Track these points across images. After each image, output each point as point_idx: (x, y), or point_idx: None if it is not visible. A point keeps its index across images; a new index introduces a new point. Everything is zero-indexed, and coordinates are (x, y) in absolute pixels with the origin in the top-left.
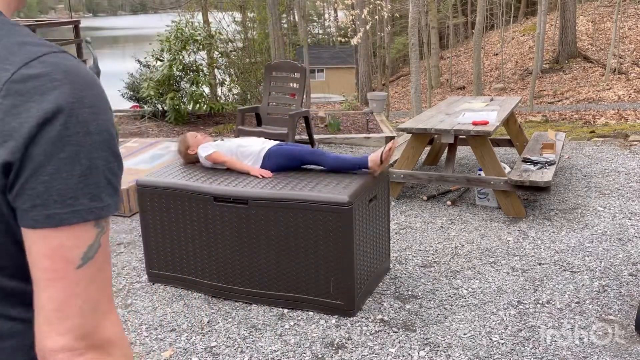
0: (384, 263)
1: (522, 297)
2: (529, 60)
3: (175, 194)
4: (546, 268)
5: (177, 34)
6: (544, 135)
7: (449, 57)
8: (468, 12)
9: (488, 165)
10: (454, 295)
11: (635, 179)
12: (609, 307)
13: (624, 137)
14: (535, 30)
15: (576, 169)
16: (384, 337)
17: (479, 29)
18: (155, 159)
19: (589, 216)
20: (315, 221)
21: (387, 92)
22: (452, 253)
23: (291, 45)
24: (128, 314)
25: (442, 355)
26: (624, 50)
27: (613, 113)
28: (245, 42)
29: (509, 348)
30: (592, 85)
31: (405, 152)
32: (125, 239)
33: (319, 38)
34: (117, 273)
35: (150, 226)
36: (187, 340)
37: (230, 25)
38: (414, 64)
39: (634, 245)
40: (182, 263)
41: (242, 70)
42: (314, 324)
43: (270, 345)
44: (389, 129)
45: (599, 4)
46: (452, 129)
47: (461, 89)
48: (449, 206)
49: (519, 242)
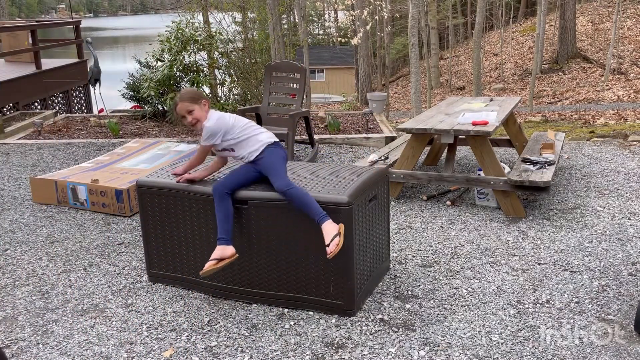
0: (384, 263)
1: (521, 296)
2: (528, 61)
3: (175, 194)
4: (546, 268)
5: (178, 35)
6: (544, 136)
7: (448, 58)
8: (468, 12)
9: (488, 165)
10: (453, 295)
11: (634, 179)
12: (608, 307)
13: (624, 137)
14: (534, 31)
15: (576, 169)
16: (383, 337)
17: (479, 29)
18: (155, 159)
19: (589, 216)
20: (315, 221)
21: (387, 93)
22: (451, 253)
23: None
24: (129, 314)
25: (441, 354)
26: (623, 50)
27: (612, 113)
28: (245, 42)
29: (509, 348)
30: (592, 86)
31: (405, 152)
32: (126, 238)
33: (319, 38)
34: (118, 273)
35: (151, 226)
36: (188, 339)
37: (231, 25)
38: (414, 64)
39: (634, 245)
40: (182, 263)
41: (243, 70)
42: (314, 323)
43: (271, 345)
44: (388, 129)
45: (598, 4)
46: (452, 129)
47: (461, 89)
48: (448, 206)
49: (518, 242)
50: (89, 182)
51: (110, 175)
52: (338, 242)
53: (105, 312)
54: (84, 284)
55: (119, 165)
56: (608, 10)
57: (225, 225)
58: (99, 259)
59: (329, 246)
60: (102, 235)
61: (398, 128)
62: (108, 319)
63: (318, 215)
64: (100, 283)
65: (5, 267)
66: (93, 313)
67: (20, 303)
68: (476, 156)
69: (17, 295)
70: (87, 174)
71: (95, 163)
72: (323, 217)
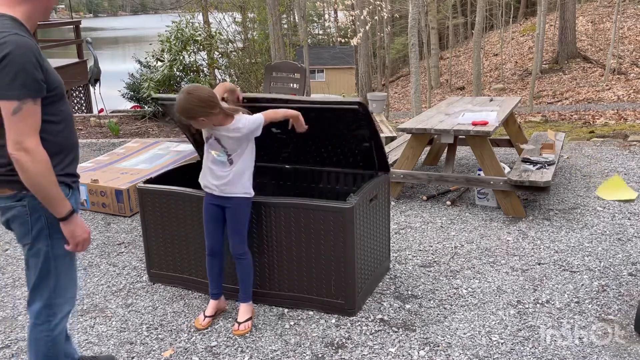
0: (384, 262)
1: (521, 296)
2: (528, 61)
3: (176, 194)
4: (546, 268)
5: (178, 35)
6: (544, 136)
7: (448, 58)
8: (468, 12)
9: (488, 165)
10: (453, 295)
11: (634, 179)
12: (608, 307)
13: (624, 137)
14: (534, 31)
15: (575, 169)
16: (383, 337)
17: (479, 29)
18: (155, 159)
19: (589, 216)
20: (316, 220)
21: (387, 93)
22: (451, 253)
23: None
24: (128, 314)
25: (441, 354)
26: (623, 50)
27: (612, 113)
28: (245, 42)
29: (509, 348)
30: (592, 86)
31: (405, 152)
32: (126, 239)
33: (319, 38)
34: (118, 273)
35: (151, 226)
36: (188, 339)
37: (231, 25)
38: (414, 64)
39: (634, 245)
40: (182, 263)
41: (243, 70)
42: (314, 323)
43: (271, 345)
44: (388, 129)
45: (598, 5)
46: (452, 129)
47: (461, 90)
48: (448, 206)
49: (518, 242)
50: (89, 182)
51: (110, 175)
52: (248, 325)
53: (105, 312)
54: (83, 284)
55: (119, 165)
56: (608, 10)
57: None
58: (99, 258)
59: (240, 325)
60: (102, 235)
61: (398, 128)
62: (108, 319)
63: (246, 294)
64: (100, 283)
65: (5, 267)
66: (93, 313)
67: (20, 303)
68: (476, 156)
69: (17, 295)
70: (87, 174)
71: (95, 163)
72: (247, 298)
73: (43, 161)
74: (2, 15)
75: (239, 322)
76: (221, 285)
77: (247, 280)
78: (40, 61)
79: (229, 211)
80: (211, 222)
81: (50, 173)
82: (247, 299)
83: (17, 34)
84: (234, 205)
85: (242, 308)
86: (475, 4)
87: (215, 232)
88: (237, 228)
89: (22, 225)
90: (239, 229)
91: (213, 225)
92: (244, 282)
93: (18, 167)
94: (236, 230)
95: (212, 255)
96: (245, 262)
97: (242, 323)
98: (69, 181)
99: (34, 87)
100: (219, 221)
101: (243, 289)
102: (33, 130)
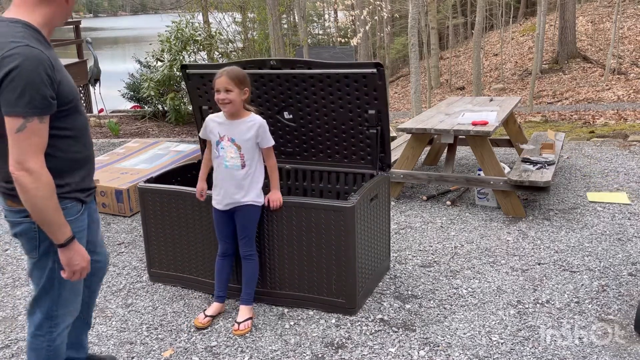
0: (384, 262)
1: (521, 296)
2: (528, 61)
3: (176, 193)
4: (545, 268)
5: (178, 35)
6: (544, 136)
7: (448, 58)
8: (468, 12)
9: (488, 165)
10: (453, 295)
11: (634, 178)
12: (608, 307)
13: (624, 137)
14: (534, 31)
15: (575, 169)
16: (383, 337)
17: (479, 29)
18: (155, 159)
19: (589, 216)
20: (317, 220)
21: None
22: (451, 253)
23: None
24: (128, 314)
25: (441, 354)
26: (623, 50)
27: (612, 113)
28: (245, 42)
29: (509, 348)
30: (592, 86)
31: (405, 152)
32: (126, 239)
33: (319, 38)
34: (118, 273)
35: (152, 225)
36: (188, 339)
37: (231, 25)
38: (414, 64)
39: (634, 245)
40: (183, 262)
41: None
42: (314, 323)
43: (271, 345)
44: None
45: (598, 5)
46: (452, 129)
47: (461, 90)
48: (448, 206)
49: (518, 242)
50: None
51: (110, 175)
52: (248, 325)
53: (105, 312)
54: None
55: (119, 165)
56: (608, 10)
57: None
58: None
59: (240, 325)
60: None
61: (398, 128)
62: (108, 319)
63: (249, 296)
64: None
65: (5, 267)
66: (93, 313)
67: (20, 303)
68: (476, 156)
69: (17, 295)
70: None
71: (95, 163)
72: (249, 301)
73: (45, 184)
74: (17, 22)
75: (238, 322)
76: (227, 288)
77: (252, 283)
78: (51, 75)
79: (239, 215)
80: (224, 227)
81: (52, 197)
82: (250, 302)
83: (29, 45)
84: (245, 211)
85: (243, 309)
86: (475, 4)
87: (230, 236)
88: (247, 229)
89: (30, 242)
90: (250, 229)
91: (227, 230)
92: (249, 285)
93: (18, 188)
94: (246, 232)
95: (224, 257)
96: (253, 262)
97: (242, 323)
98: (82, 197)
99: (42, 105)
100: (231, 225)
101: (247, 291)
102: (37, 150)
